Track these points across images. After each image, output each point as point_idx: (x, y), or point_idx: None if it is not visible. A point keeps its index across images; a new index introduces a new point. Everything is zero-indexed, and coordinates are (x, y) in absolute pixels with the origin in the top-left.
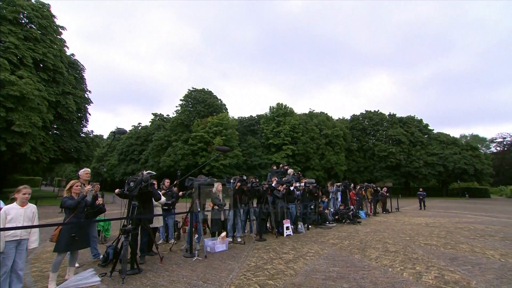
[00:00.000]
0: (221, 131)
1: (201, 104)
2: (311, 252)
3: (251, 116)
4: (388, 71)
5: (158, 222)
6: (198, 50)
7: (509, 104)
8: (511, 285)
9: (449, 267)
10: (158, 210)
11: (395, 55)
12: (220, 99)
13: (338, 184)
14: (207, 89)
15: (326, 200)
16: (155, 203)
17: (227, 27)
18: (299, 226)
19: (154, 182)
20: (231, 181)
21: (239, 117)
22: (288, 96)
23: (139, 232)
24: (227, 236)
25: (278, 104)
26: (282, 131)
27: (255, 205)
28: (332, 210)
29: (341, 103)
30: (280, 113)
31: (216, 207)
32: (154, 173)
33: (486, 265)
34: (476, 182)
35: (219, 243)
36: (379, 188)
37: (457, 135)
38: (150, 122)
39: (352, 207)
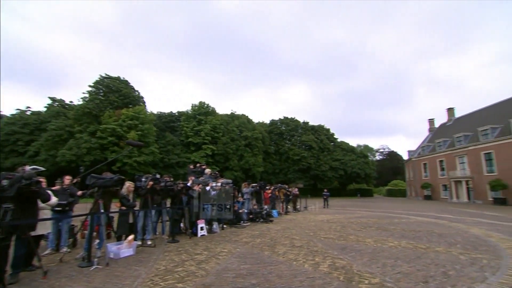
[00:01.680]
0: (136, 125)
1: (115, 93)
2: (224, 252)
3: (171, 112)
4: (308, 82)
5: (44, 229)
6: (117, 32)
7: (390, 122)
8: (379, 263)
9: (339, 256)
10: (46, 214)
11: (315, 69)
12: (138, 91)
13: (254, 184)
14: (123, 78)
15: (242, 200)
16: (41, 205)
17: (155, 12)
18: (214, 226)
19: (41, 180)
20: (143, 179)
21: (158, 112)
22: (213, 95)
23: (14, 242)
24: (135, 239)
25: (200, 102)
26: (203, 130)
27: (169, 205)
28: (246, 210)
29: (262, 107)
30: (202, 111)
31: (123, 208)
32: (41, 168)
33: (365, 251)
34: (365, 184)
35: (125, 248)
36: (291, 189)
37: (354, 144)
38: (46, 107)
39: (265, 206)
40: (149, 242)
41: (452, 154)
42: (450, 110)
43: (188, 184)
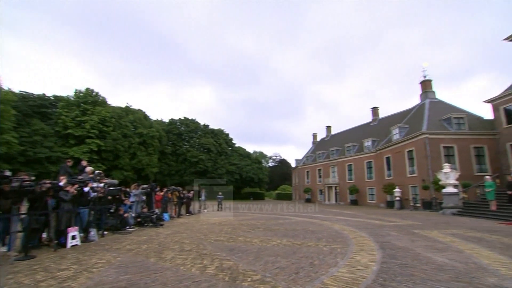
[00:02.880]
0: None
1: None
2: (100, 263)
3: (43, 95)
4: (213, 86)
5: None
6: None
7: (284, 132)
8: (262, 261)
9: (227, 257)
10: None
11: (221, 74)
12: None
13: (145, 186)
14: None
15: (129, 203)
16: None
17: None
18: (91, 233)
19: None
20: None
21: (22, 92)
22: (106, 83)
23: None
24: None
25: (87, 89)
26: (88, 121)
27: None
28: (132, 213)
29: (162, 104)
30: (89, 100)
31: None
32: None
33: (251, 250)
34: (258, 188)
35: None
36: (186, 191)
37: (251, 151)
38: None
39: (156, 210)
40: None
41: (327, 164)
42: (328, 128)
43: (60, 183)
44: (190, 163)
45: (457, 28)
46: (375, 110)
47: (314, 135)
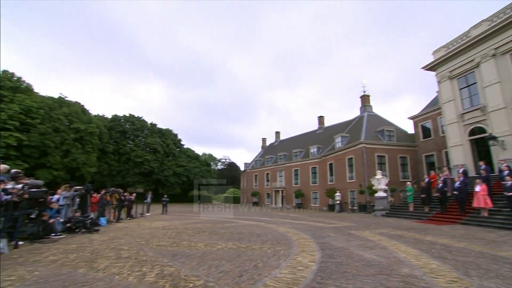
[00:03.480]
0: None
1: None
2: (9, 280)
3: None
4: (164, 84)
5: None
6: None
7: (235, 136)
8: (205, 266)
9: (169, 263)
10: None
11: (174, 72)
12: None
13: (78, 187)
14: None
15: (56, 206)
16: None
17: None
18: (0, 244)
19: None
20: None
21: None
22: (34, 67)
23: None
24: None
25: (5, 72)
26: (6, 110)
27: None
28: (61, 219)
29: (106, 99)
30: (8, 85)
31: None
32: None
33: (195, 255)
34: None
35: None
36: (127, 194)
37: (200, 152)
38: None
39: (91, 214)
40: None
41: (275, 169)
42: (277, 133)
43: None
44: (134, 163)
45: (392, 54)
46: (321, 119)
47: (264, 140)
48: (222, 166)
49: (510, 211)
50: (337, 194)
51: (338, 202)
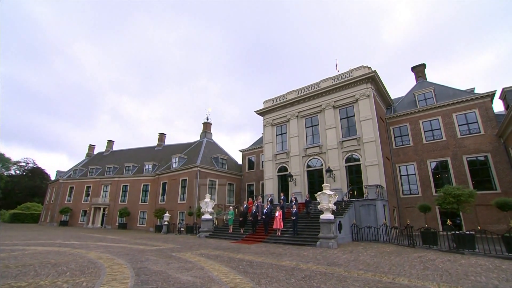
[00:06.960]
0: None
1: None
2: None
3: None
4: None
5: None
6: None
7: (54, 134)
8: None
9: None
10: None
11: None
12: None
13: None
14: None
15: None
16: None
17: None
18: None
19: None
20: None
21: None
22: None
23: None
24: None
25: None
26: None
27: None
28: None
29: None
30: None
31: None
32: None
33: None
34: None
35: None
36: None
37: None
38: None
39: None
40: None
41: (100, 182)
42: (110, 142)
43: None
44: None
45: (247, 90)
46: (161, 136)
47: (91, 147)
48: (19, 172)
49: (293, 231)
50: (166, 214)
51: (166, 223)
